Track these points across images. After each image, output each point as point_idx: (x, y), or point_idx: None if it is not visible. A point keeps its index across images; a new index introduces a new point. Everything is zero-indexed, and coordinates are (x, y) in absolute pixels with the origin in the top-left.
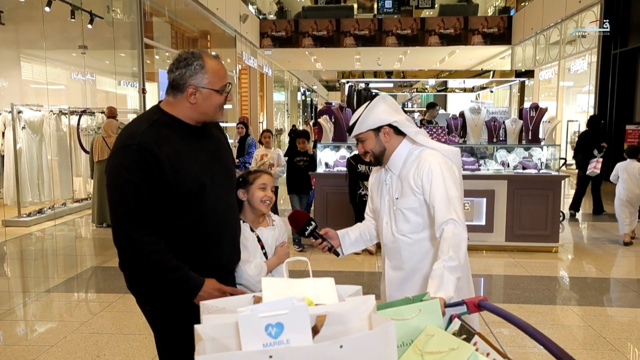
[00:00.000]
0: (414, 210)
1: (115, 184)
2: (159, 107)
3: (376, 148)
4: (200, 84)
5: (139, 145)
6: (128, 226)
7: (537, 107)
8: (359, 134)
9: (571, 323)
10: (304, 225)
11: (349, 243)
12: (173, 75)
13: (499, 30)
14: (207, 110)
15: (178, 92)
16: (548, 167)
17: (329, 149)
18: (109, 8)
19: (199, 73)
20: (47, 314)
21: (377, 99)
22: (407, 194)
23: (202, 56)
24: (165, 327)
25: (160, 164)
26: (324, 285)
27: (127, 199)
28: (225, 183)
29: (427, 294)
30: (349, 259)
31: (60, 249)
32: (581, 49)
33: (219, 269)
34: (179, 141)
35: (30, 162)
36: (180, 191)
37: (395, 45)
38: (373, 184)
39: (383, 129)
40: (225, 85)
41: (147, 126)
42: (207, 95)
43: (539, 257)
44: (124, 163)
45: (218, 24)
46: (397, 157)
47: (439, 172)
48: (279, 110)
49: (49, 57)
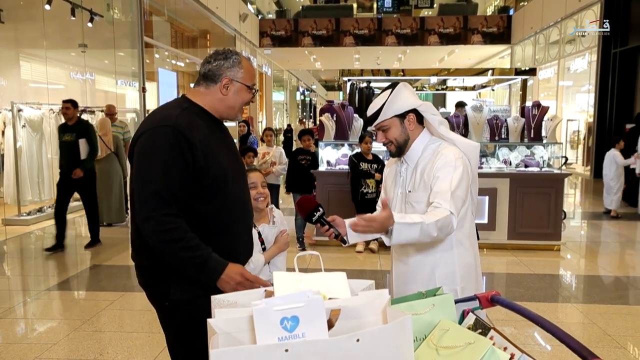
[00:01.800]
0: (426, 205)
1: (145, 163)
2: (186, 97)
3: (401, 137)
4: (235, 77)
5: (174, 127)
6: (152, 204)
7: (539, 105)
8: (384, 120)
9: (575, 321)
10: (312, 211)
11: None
12: (210, 66)
13: (499, 30)
14: (234, 104)
15: (212, 82)
16: (550, 165)
17: (331, 147)
18: (109, 6)
19: (236, 67)
20: (49, 312)
21: (400, 85)
22: (420, 188)
23: (239, 54)
24: (182, 324)
25: (193, 147)
26: (336, 279)
27: (155, 179)
28: (243, 177)
29: (440, 289)
30: (351, 258)
31: None
32: (581, 48)
33: (237, 259)
34: (208, 131)
35: (31, 160)
36: (208, 176)
37: (395, 44)
38: (388, 175)
39: (408, 116)
40: (254, 85)
41: (180, 111)
42: (239, 89)
43: (541, 255)
44: (158, 143)
45: (218, 23)
46: (415, 149)
47: (451, 168)
48: (278, 110)
49: (49, 56)
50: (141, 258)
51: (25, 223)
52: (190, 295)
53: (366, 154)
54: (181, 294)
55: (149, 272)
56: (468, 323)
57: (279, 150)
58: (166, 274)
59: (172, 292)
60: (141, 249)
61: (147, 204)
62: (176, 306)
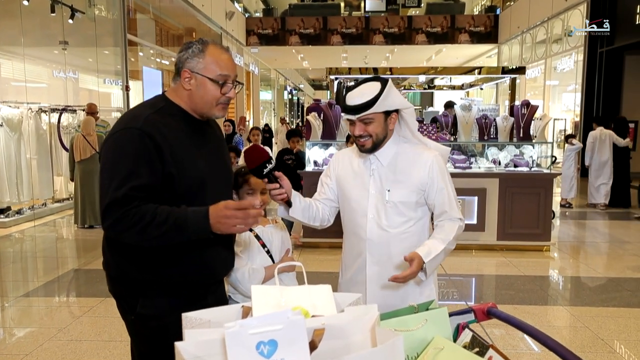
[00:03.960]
0: (409, 205)
1: (110, 168)
2: (165, 96)
3: (381, 133)
4: (194, 68)
5: (142, 129)
6: (115, 209)
7: (529, 104)
8: (373, 113)
9: (567, 324)
10: (263, 163)
11: (297, 207)
12: (176, 59)
13: (486, 29)
14: (200, 101)
15: (177, 76)
16: (539, 165)
17: (318, 146)
18: (90, 2)
19: (195, 57)
20: (24, 320)
21: (391, 82)
22: (403, 187)
23: (207, 43)
24: (148, 342)
25: (162, 152)
26: (320, 293)
27: (119, 186)
28: (225, 182)
29: (433, 302)
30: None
31: (39, 250)
32: (567, 47)
33: (212, 275)
34: (183, 133)
35: (9, 161)
36: (181, 184)
37: (383, 43)
38: (344, 174)
39: (393, 114)
40: (224, 77)
41: (153, 112)
42: (201, 82)
43: (531, 256)
44: (124, 147)
45: (203, 21)
46: (389, 147)
47: (444, 170)
48: (265, 109)
49: (27, 53)
50: (110, 268)
51: (2, 225)
52: (159, 310)
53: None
54: (149, 308)
55: (117, 282)
56: (464, 340)
57: None
58: (135, 286)
59: (140, 305)
60: (110, 259)
61: (110, 210)
62: (143, 321)
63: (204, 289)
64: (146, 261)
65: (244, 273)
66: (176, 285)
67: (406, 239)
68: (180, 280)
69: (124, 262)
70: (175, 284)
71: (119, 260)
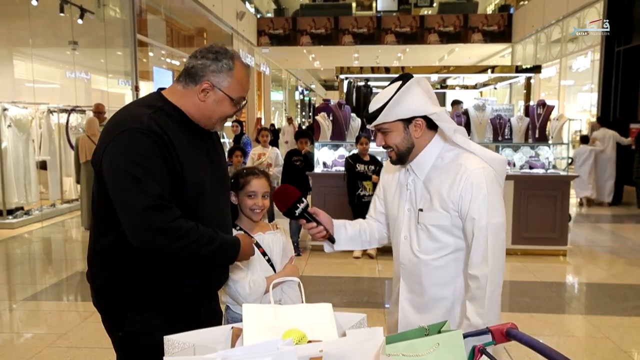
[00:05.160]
0: (443, 228)
1: (126, 172)
2: (162, 95)
3: (403, 144)
4: (219, 84)
5: (148, 128)
6: (153, 218)
7: (544, 104)
8: (384, 123)
9: (586, 334)
10: (294, 204)
11: (344, 238)
12: (194, 62)
13: (499, 28)
14: (211, 115)
15: (191, 82)
16: (555, 166)
17: (327, 147)
18: (100, 3)
19: (224, 73)
20: (24, 325)
21: (412, 82)
22: (436, 208)
23: (234, 58)
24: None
25: (170, 152)
26: (319, 313)
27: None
28: (222, 188)
29: (446, 323)
30: (348, 264)
31: (46, 252)
32: (583, 46)
33: (206, 290)
34: (183, 137)
35: (17, 161)
36: (182, 190)
37: (394, 43)
38: (388, 185)
39: (415, 121)
40: (241, 99)
41: (152, 111)
42: (220, 99)
43: (547, 261)
44: (134, 148)
45: (214, 22)
46: (425, 158)
47: (483, 190)
48: (277, 110)
49: (36, 53)
50: (96, 280)
51: (10, 226)
52: (150, 326)
53: (363, 155)
54: (139, 324)
55: (104, 296)
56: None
57: (275, 152)
58: (123, 300)
59: (129, 321)
60: (98, 270)
61: (147, 220)
62: (131, 337)
63: (198, 302)
64: (140, 274)
65: (244, 286)
66: (168, 300)
67: (439, 268)
68: (173, 296)
69: (115, 274)
70: (167, 299)
71: (109, 272)
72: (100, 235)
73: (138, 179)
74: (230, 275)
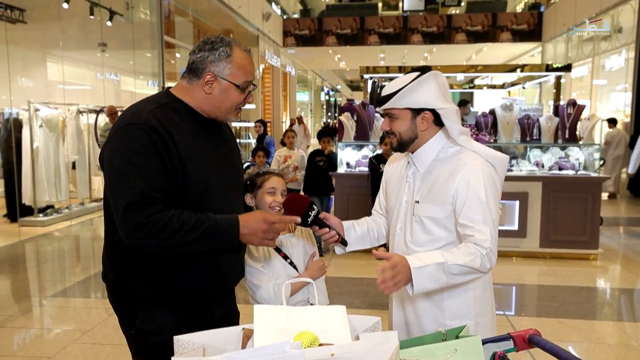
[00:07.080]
0: (437, 221)
1: (117, 168)
2: (169, 92)
3: (407, 133)
4: (220, 73)
5: (145, 123)
6: (134, 214)
7: (575, 103)
8: (393, 108)
9: (618, 342)
10: (306, 211)
11: (354, 238)
12: (193, 57)
13: (529, 27)
14: (221, 105)
15: (194, 77)
16: (586, 168)
17: (351, 148)
18: (128, 5)
19: (223, 61)
20: (50, 322)
21: (430, 74)
22: (432, 200)
23: (231, 44)
24: (149, 358)
25: (168, 147)
26: (332, 315)
27: (132, 185)
28: (234, 187)
29: (464, 328)
30: (370, 265)
31: (74, 250)
32: (617, 44)
33: (220, 284)
34: (188, 131)
35: (47, 161)
36: (184, 183)
37: (421, 43)
38: (390, 177)
39: (423, 113)
40: (248, 83)
41: (155, 107)
42: (226, 88)
43: (576, 265)
44: (128, 144)
45: (241, 23)
46: (426, 151)
47: (480, 183)
48: (302, 110)
49: (67, 55)
50: (108, 278)
51: (41, 224)
52: (160, 325)
53: (387, 155)
54: (149, 323)
55: (116, 294)
56: None
57: (300, 154)
58: (134, 299)
59: (139, 320)
60: (109, 269)
61: (127, 215)
62: (142, 336)
63: (210, 300)
64: (146, 272)
65: (269, 291)
66: (180, 297)
67: None
68: (185, 291)
69: (123, 272)
70: (178, 296)
71: (118, 270)
72: (109, 233)
73: (124, 176)
74: (253, 280)
